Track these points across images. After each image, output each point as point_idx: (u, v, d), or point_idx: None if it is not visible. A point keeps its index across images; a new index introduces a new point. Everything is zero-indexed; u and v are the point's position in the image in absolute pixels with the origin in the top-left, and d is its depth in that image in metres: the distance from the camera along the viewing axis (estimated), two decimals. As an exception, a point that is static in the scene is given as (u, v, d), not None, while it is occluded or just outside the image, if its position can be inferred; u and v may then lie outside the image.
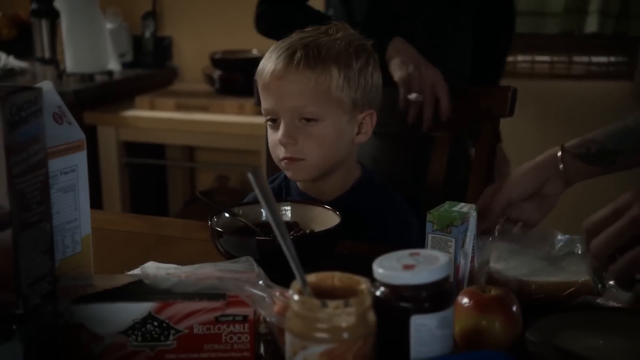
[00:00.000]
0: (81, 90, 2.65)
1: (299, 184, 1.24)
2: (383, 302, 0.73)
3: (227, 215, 1.12)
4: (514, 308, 0.84)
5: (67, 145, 0.88)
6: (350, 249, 1.14)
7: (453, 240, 0.96)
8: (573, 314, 0.90)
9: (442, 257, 0.75)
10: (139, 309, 0.79)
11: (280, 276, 0.84)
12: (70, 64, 2.74)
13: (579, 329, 0.86)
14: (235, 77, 2.71)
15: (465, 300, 0.84)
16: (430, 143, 1.48)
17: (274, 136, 1.17)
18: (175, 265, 1.03)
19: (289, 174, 1.19)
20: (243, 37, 3.03)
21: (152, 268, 0.87)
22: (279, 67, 1.14)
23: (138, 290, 0.81)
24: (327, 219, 1.12)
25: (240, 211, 1.13)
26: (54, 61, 2.81)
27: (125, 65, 3.01)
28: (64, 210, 0.87)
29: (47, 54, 2.91)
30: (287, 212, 1.15)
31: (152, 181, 2.97)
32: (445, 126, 1.45)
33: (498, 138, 1.60)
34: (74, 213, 0.88)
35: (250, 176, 0.73)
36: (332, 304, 0.68)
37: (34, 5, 2.99)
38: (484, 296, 0.84)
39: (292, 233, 1.12)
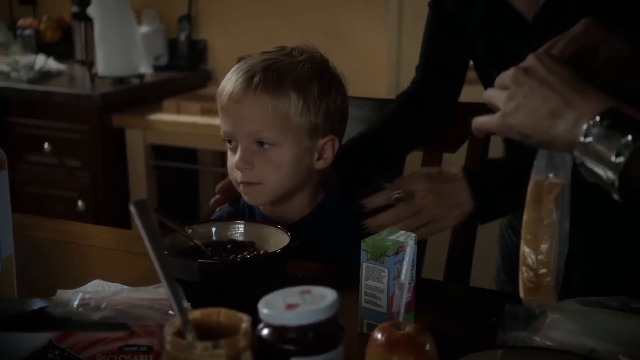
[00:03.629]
0: (109, 94, 2.70)
1: (260, 206, 1.23)
2: (266, 343, 0.71)
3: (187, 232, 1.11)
4: (427, 347, 0.80)
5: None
6: (306, 270, 1.12)
7: (386, 270, 0.93)
8: (497, 353, 0.86)
9: (331, 296, 0.72)
10: (39, 337, 0.79)
11: (225, 299, 0.82)
12: (102, 67, 2.80)
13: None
14: (261, 81, 2.70)
15: (378, 336, 0.81)
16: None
17: (232, 159, 1.16)
18: (120, 286, 1.03)
19: (245, 197, 1.17)
20: (277, 41, 3.03)
21: (68, 292, 0.86)
22: (237, 90, 1.12)
23: (43, 317, 0.81)
24: (280, 239, 1.10)
25: (190, 230, 1.12)
26: (88, 64, 2.87)
27: (160, 68, 3.05)
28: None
29: (84, 57, 2.98)
30: (239, 231, 1.14)
31: (183, 185, 3.00)
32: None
33: None
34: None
35: (132, 209, 0.72)
36: (200, 345, 0.66)
37: (74, 9, 3.07)
38: (395, 333, 0.80)
39: (245, 253, 1.11)
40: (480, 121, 0.87)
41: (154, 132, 2.71)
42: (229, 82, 1.14)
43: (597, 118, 0.76)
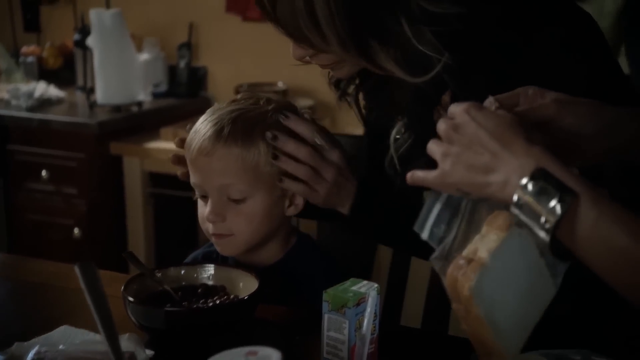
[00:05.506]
0: (107, 122, 2.71)
1: (232, 254, 1.22)
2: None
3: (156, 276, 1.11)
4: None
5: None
6: (276, 315, 1.12)
7: (347, 321, 0.92)
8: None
9: (275, 358, 0.71)
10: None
11: (190, 348, 0.81)
12: (100, 95, 2.81)
13: None
14: (258, 110, 2.71)
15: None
16: None
17: (203, 209, 1.15)
18: (87, 333, 1.03)
19: (218, 248, 1.17)
20: (276, 68, 3.05)
21: (24, 346, 0.86)
22: (206, 143, 1.11)
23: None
24: (250, 284, 1.09)
25: (160, 274, 1.12)
26: (87, 91, 2.89)
27: (159, 95, 3.06)
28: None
29: (83, 84, 3.01)
30: (210, 274, 1.14)
31: (180, 213, 3.00)
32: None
33: None
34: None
35: (77, 270, 0.72)
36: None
37: (76, 37, 3.10)
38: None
39: (215, 299, 1.10)
40: (420, 177, 0.86)
41: (152, 160, 2.71)
42: (198, 134, 1.13)
43: (524, 180, 0.76)
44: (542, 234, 0.75)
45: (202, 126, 1.13)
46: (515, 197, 0.76)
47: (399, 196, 1.22)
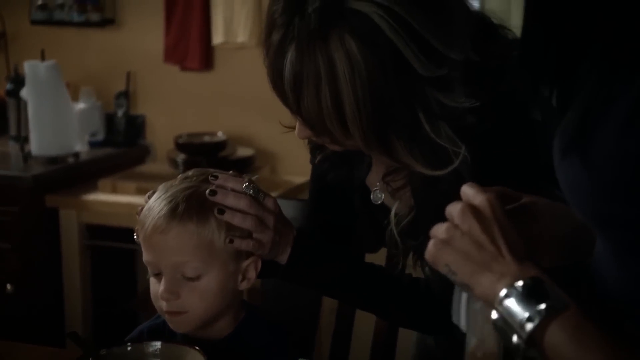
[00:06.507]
0: (41, 175, 2.66)
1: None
2: None
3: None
4: None
5: None
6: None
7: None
8: None
9: None
10: None
11: None
12: (35, 146, 2.76)
13: None
14: (198, 161, 2.69)
15: None
16: None
17: (156, 286, 1.14)
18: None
19: (171, 326, 1.15)
20: (214, 117, 3.05)
21: None
22: (161, 221, 1.10)
23: None
24: (197, 360, 1.08)
25: (105, 352, 1.10)
26: (21, 143, 2.83)
27: (96, 144, 3.01)
28: None
29: (16, 134, 2.94)
30: (156, 351, 1.12)
31: (119, 265, 2.95)
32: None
33: None
34: None
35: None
36: None
37: (8, 86, 3.03)
38: None
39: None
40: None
41: (90, 212, 2.66)
42: (152, 212, 1.12)
43: (521, 282, 0.77)
44: (516, 338, 0.75)
45: (156, 204, 1.12)
46: (501, 294, 0.77)
47: (341, 248, 1.24)
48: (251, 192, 1.15)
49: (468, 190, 0.85)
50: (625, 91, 0.71)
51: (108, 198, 2.66)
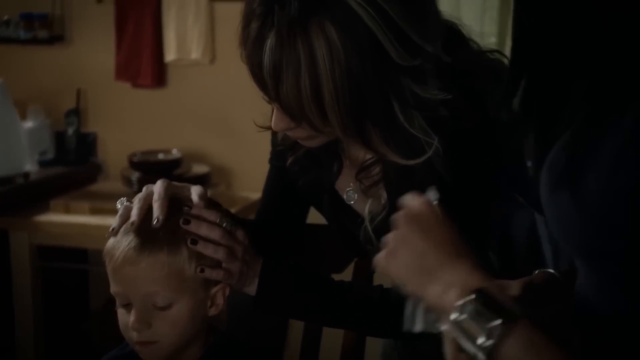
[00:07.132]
0: (-10, 197, 2.59)
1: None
2: None
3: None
4: None
5: None
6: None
7: None
8: None
9: None
10: None
11: None
12: (-18, 167, 2.69)
13: None
14: (153, 179, 2.65)
15: None
16: None
17: (126, 317, 1.12)
18: None
19: (142, 356, 1.14)
20: (169, 134, 3.02)
21: None
22: (132, 252, 1.09)
23: None
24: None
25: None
26: (-32, 163, 2.76)
27: (46, 163, 2.95)
28: None
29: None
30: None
31: (72, 286, 2.89)
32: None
33: None
34: None
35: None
36: None
37: (-47, 104, 2.96)
38: None
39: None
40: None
41: (41, 233, 2.61)
42: (121, 243, 1.10)
43: (472, 296, 0.75)
44: (479, 355, 0.75)
45: (126, 235, 1.11)
46: (453, 314, 0.75)
47: (310, 273, 1.25)
48: (224, 223, 1.14)
49: (407, 198, 0.85)
50: (615, 125, 0.72)
51: (61, 219, 2.61)
